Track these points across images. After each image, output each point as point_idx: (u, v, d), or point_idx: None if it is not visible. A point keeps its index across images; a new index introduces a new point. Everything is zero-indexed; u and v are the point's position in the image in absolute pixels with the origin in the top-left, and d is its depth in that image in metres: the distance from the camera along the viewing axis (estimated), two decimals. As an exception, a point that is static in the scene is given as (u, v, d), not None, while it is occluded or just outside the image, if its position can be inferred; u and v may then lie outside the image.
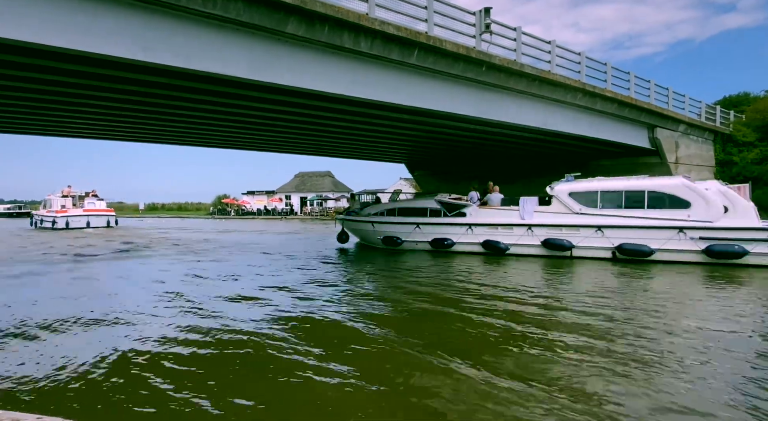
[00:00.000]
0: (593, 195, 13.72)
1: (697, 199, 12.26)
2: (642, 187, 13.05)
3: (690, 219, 12.28)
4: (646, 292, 9.10)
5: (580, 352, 5.49)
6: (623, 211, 13.11)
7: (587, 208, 13.69)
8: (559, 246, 13.86)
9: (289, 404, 4.18)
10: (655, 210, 12.73)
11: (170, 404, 4.18)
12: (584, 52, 15.99)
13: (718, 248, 11.81)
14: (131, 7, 7.73)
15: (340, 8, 9.57)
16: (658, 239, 12.56)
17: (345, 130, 16.42)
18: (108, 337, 6.29)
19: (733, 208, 12.02)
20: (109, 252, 17.79)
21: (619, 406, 4.08)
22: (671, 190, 12.66)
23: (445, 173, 28.97)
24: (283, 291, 9.58)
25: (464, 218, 15.73)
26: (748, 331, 6.40)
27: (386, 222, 17.22)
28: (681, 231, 12.28)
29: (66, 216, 33.99)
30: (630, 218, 12.98)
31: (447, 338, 6.16)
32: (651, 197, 12.83)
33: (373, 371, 4.94)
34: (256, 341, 5.99)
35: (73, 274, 12.36)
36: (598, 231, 13.39)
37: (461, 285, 9.97)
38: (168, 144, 20.80)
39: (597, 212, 13.50)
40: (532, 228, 14.46)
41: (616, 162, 22.32)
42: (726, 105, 27.39)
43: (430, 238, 16.03)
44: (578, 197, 13.92)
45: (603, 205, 13.51)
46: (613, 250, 13.21)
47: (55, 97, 11.47)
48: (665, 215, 12.57)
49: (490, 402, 4.16)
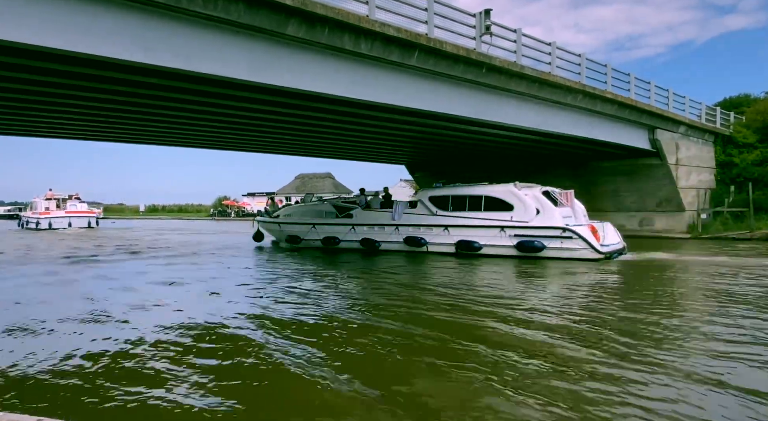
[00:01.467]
0: (446, 199, 15.76)
1: (518, 202, 14.36)
2: (480, 193, 15.19)
3: (512, 220, 14.36)
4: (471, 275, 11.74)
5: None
6: (466, 213, 15.24)
7: (441, 210, 15.76)
8: (417, 242, 15.93)
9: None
10: (488, 212, 14.82)
11: (158, 404, 4.18)
12: (584, 53, 16.02)
13: (525, 244, 14.06)
14: (130, 8, 7.73)
15: (341, 10, 9.58)
16: (485, 236, 14.74)
17: (345, 131, 16.44)
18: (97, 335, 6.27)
19: (543, 210, 14.12)
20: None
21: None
22: (500, 195, 14.77)
23: (445, 174, 28.94)
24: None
25: (350, 219, 17.62)
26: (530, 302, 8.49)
27: (289, 223, 19.39)
28: (502, 230, 14.46)
29: (49, 217, 36.10)
30: (468, 219, 15.15)
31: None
32: (486, 201, 14.93)
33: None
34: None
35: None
36: (445, 230, 15.54)
37: (333, 274, 12.01)
38: (167, 146, 20.83)
39: (447, 214, 15.61)
40: (399, 227, 16.40)
41: (616, 163, 22.34)
42: (726, 106, 27.37)
43: (322, 236, 17.84)
44: (435, 201, 15.96)
45: (452, 208, 15.56)
46: (455, 245, 15.26)
47: (55, 99, 11.47)
48: (495, 216, 14.68)
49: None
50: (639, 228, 22.73)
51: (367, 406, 4.10)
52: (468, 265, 13.51)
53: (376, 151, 23.00)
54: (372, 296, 9.21)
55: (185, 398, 4.31)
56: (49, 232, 33.53)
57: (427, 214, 15.96)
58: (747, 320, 6.76)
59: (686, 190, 21.83)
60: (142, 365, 5.18)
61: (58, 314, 7.58)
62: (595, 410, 3.89)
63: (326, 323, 6.95)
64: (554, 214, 14.00)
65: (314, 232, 18.11)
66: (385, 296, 9.09)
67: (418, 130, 15.95)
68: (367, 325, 6.80)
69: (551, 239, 13.81)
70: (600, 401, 4.06)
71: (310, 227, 18.25)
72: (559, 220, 13.88)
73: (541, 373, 4.76)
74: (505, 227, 14.39)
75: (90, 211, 39.24)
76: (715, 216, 22.27)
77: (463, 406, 4.05)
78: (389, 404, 4.09)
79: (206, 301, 8.79)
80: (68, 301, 8.88)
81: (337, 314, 7.47)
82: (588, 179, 23.62)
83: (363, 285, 10.58)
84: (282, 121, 14.53)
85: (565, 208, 14.61)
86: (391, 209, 16.72)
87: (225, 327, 6.72)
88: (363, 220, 17.27)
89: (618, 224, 23.38)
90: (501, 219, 14.50)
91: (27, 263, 15.15)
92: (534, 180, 25.48)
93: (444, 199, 15.74)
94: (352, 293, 9.62)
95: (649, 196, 22.24)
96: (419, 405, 4.09)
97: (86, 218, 37.78)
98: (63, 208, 37.69)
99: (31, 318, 7.27)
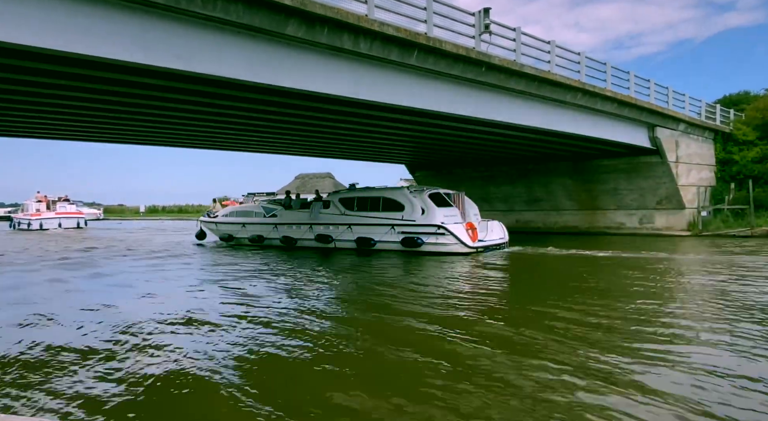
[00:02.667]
0: (352, 201, 17.28)
1: (408, 203, 15.94)
2: (380, 195, 16.86)
3: (402, 219, 15.92)
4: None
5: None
6: (367, 213, 16.75)
7: (348, 210, 17.26)
8: (325, 239, 17.47)
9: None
10: (385, 212, 16.37)
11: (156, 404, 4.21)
12: (584, 52, 16.01)
13: (408, 240, 15.71)
14: (130, 10, 7.73)
15: (340, 10, 9.58)
16: (379, 233, 16.33)
17: (345, 131, 16.44)
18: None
19: (427, 210, 15.64)
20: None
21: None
22: (395, 197, 16.37)
23: (445, 174, 28.99)
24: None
25: (274, 219, 19.34)
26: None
27: (224, 222, 21.32)
28: (392, 227, 16.05)
29: (40, 219, 38.24)
30: (367, 218, 16.71)
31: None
32: (383, 202, 16.49)
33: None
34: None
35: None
36: (348, 228, 17.06)
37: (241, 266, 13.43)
38: (167, 146, 20.83)
39: (352, 214, 17.13)
40: (312, 226, 17.93)
41: (616, 161, 22.33)
42: (726, 104, 27.35)
43: (250, 234, 19.75)
44: (344, 202, 17.51)
45: (357, 209, 17.05)
46: (355, 241, 16.81)
47: (54, 101, 11.47)
48: (389, 216, 16.23)
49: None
50: (639, 226, 22.74)
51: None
52: (357, 258, 15.28)
53: (376, 150, 23.00)
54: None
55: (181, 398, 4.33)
56: (39, 232, 35.14)
57: (337, 214, 17.51)
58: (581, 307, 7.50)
59: (686, 187, 21.83)
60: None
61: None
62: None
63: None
64: (435, 213, 15.47)
65: (244, 230, 20.12)
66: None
67: (418, 129, 15.96)
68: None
69: (428, 236, 15.43)
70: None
71: (241, 226, 20.28)
72: (439, 218, 15.36)
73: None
74: (394, 225, 16.03)
75: (79, 212, 41.53)
76: (716, 214, 22.27)
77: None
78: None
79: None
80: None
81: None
82: (588, 178, 23.63)
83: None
84: (282, 122, 14.53)
85: (451, 208, 16.01)
86: (309, 210, 18.50)
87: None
88: (284, 219, 19.07)
89: (618, 221, 23.58)
90: (393, 218, 16.13)
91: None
92: (533, 178, 25.69)
93: (351, 201, 17.30)
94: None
95: (650, 194, 22.24)
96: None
97: (75, 218, 40.07)
98: (53, 209, 39.73)
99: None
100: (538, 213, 26.31)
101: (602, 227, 23.86)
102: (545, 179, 25.20)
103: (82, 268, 13.71)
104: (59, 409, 4.06)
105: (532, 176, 25.59)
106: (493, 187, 27.41)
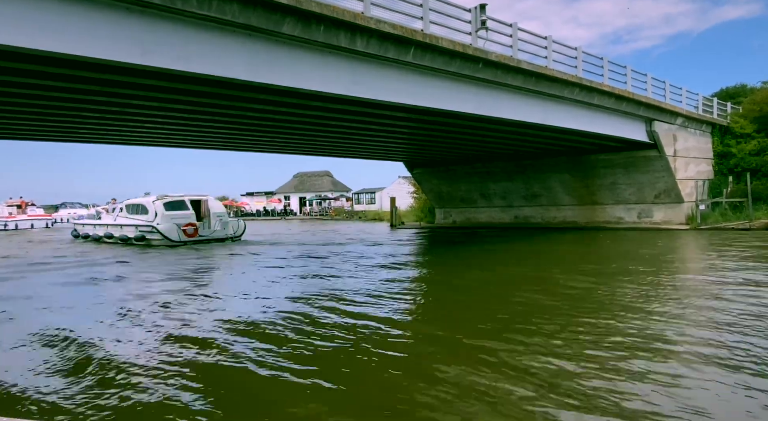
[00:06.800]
0: (130, 207, 22.05)
1: (151, 209, 20.57)
2: (140, 202, 21.58)
3: (146, 221, 20.59)
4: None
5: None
6: (136, 215, 21.39)
7: (130, 214, 21.93)
8: (110, 236, 22.43)
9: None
10: (141, 215, 21.07)
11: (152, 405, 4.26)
12: (581, 46, 16.02)
13: (138, 235, 20.54)
14: (128, 11, 7.73)
15: (336, 7, 9.59)
16: (131, 231, 21.16)
17: (343, 129, 16.44)
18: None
19: (156, 213, 20.32)
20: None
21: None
22: (146, 204, 21.02)
23: (444, 170, 29.03)
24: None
25: (98, 219, 25.23)
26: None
27: (85, 224, 26.33)
28: (137, 228, 20.83)
29: (15, 220, 42.73)
30: (132, 220, 21.41)
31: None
32: (140, 208, 21.28)
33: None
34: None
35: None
36: (120, 228, 22.05)
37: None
38: (166, 147, 20.88)
39: (127, 216, 22.06)
40: (108, 226, 23.09)
41: (614, 156, 22.35)
42: (723, 97, 27.38)
43: (102, 233, 23.63)
44: (128, 208, 22.16)
45: (130, 212, 21.84)
46: (121, 238, 21.75)
47: (53, 102, 11.48)
48: (142, 218, 20.89)
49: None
50: (638, 220, 22.80)
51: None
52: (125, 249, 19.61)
53: (375, 148, 23.02)
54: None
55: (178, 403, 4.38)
56: (17, 233, 38.20)
57: (122, 216, 22.49)
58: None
59: (684, 181, 21.88)
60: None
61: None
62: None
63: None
64: (161, 216, 20.18)
65: (91, 228, 25.02)
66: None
67: (416, 126, 15.96)
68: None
69: (148, 233, 20.34)
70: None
71: (94, 227, 24.95)
72: (159, 220, 20.09)
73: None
74: (137, 225, 20.92)
75: (48, 214, 47.51)
76: (714, 207, 22.33)
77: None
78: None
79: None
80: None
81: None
82: (586, 172, 23.67)
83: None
84: (280, 121, 14.54)
85: (185, 212, 20.68)
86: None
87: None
88: (103, 220, 24.58)
89: (617, 216, 23.62)
90: (141, 220, 20.84)
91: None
92: (532, 174, 25.70)
93: (130, 207, 22.10)
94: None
95: (648, 188, 22.28)
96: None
97: (45, 220, 45.08)
98: (24, 212, 45.00)
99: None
100: (536, 209, 26.35)
101: (601, 221, 23.91)
102: (543, 175, 25.23)
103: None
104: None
105: (531, 172, 25.62)
106: (492, 183, 27.44)
